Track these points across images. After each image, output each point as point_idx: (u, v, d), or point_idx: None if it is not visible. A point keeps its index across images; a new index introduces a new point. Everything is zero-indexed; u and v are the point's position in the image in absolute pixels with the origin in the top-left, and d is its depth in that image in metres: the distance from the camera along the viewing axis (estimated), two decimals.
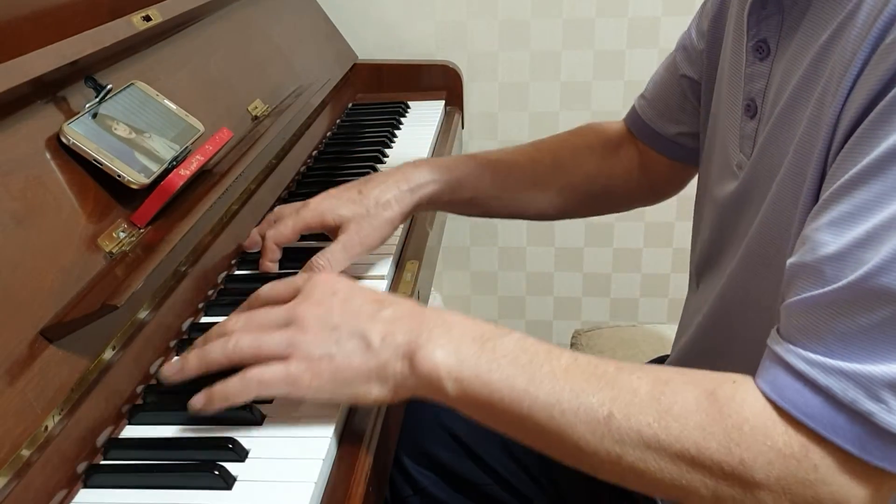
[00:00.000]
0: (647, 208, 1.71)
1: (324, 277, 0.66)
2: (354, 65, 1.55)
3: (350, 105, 1.48)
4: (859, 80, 0.53)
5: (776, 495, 0.51)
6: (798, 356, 0.51)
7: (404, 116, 1.42)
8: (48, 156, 0.72)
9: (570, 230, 1.75)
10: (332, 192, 0.88)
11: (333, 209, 0.86)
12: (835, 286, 0.50)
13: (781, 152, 0.62)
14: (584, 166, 0.95)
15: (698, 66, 0.84)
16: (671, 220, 1.72)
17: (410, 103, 1.47)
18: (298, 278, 0.67)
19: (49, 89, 0.76)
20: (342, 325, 0.61)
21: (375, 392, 0.61)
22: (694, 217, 0.82)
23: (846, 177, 0.51)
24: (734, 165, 0.71)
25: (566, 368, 0.56)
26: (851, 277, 0.49)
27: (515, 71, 1.64)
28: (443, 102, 1.50)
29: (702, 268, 0.79)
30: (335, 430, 0.65)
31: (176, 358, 0.66)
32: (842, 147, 0.54)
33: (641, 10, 1.57)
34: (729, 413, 0.52)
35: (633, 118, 0.95)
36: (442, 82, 1.56)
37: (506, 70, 1.64)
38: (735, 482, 0.52)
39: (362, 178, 0.89)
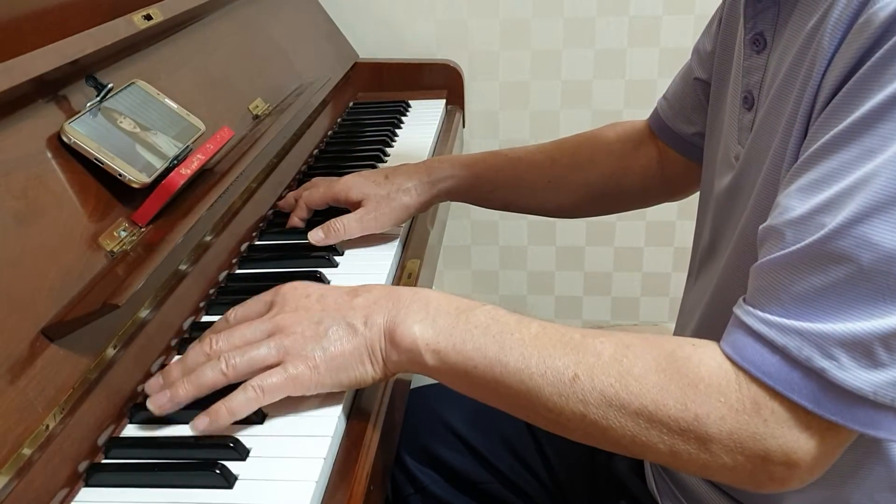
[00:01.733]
0: (649, 207, 1.72)
1: (291, 286, 0.69)
2: (355, 64, 1.55)
3: (351, 104, 1.48)
4: (833, 60, 0.55)
5: (728, 449, 0.54)
6: (757, 318, 0.54)
7: (405, 115, 1.42)
8: (49, 155, 0.72)
9: (571, 229, 1.75)
10: (363, 172, 0.98)
11: (359, 186, 0.95)
12: (793, 248, 0.53)
13: (769, 139, 0.63)
14: (601, 165, 0.99)
15: (708, 68, 0.85)
16: (672, 220, 1.72)
17: (411, 102, 1.47)
18: (266, 294, 0.69)
19: (50, 88, 0.76)
20: (324, 319, 0.64)
21: (370, 371, 0.64)
22: (697, 214, 0.82)
23: (815, 146, 0.54)
24: (732, 157, 0.71)
25: (535, 336, 0.60)
26: (809, 240, 0.52)
27: (516, 70, 1.64)
28: (444, 101, 1.50)
29: (701, 262, 0.79)
30: (336, 428, 0.65)
31: (156, 390, 0.65)
32: None
33: (642, 10, 1.57)
34: (685, 373, 0.55)
35: (654, 117, 0.97)
36: (443, 81, 1.56)
37: (507, 69, 1.64)
38: (690, 437, 0.55)
39: (392, 166, 0.98)
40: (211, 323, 0.78)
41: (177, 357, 0.73)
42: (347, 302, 0.66)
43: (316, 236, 0.92)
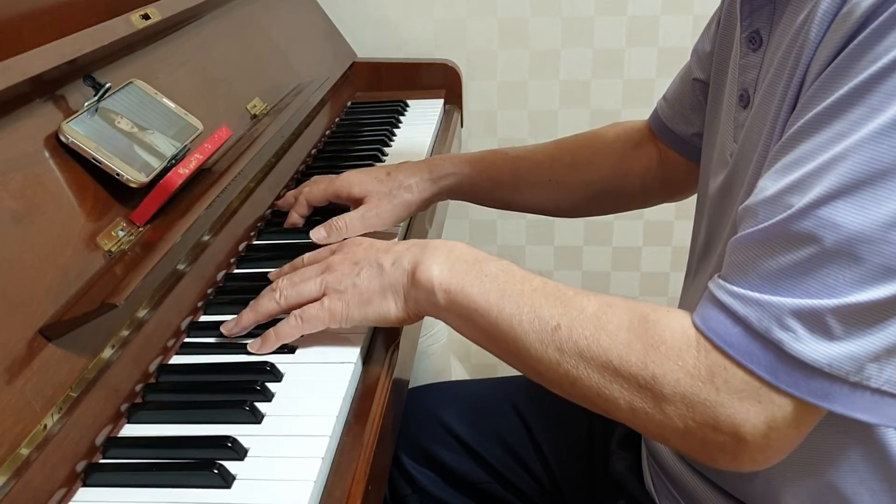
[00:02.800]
0: (647, 209, 1.72)
1: (354, 238, 0.79)
2: (353, 63, 1.55)
3: (349, 103, 1.48)
4: (817, 50, 0.56)
5: (680, 411, 0.57)
6: (724, 290, 0.56)
7: (403, 115, 1.42)
8: (47, 154, 0.72)
9: (570, 229, 1.75)
10: (364, 169, 1.00)
11: (361, 182, 0.96)
12: (763, 226, 0.55)
13: (759, 134, 0.64)
14: (601, 165, 1.00)
15: (707, 69, 0.86)
16: (670, 219, 1.72)
17: (409, 102, 1.47)
18: (334, 245, 0.79)
19: (48, 88, 0.76)
20: (361, 260, 0.73)
21: (393, 307, 0.71)
22: (695, 214, 0.82)
23: (793, 129, 0.56)
24: (728, 155, 0.72)
25: (534, 289, 0.65)
26: (777, 218, 0.54)
27: (514, 69, 1.64)
28: (442, 101, 1.49)
29: (699, 261, 0.79)
30: (334, 428, 0.65)
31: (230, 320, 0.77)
32: None
33: (641, 9, 1.57)
34: (652, 334, 0.58)
35: (654, 118, 0.97)
36: (441, 81, 1.56)
37: (505, 68, 1.64)
38: (647, 395, 0.58)
39: (394, 164, 0.99)
40: (209, 322, 0.79)
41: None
42: (387, 247, 0.74)
43: (318, 234, 0.92)
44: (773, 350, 0.54)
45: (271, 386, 0.69)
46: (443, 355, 1.62)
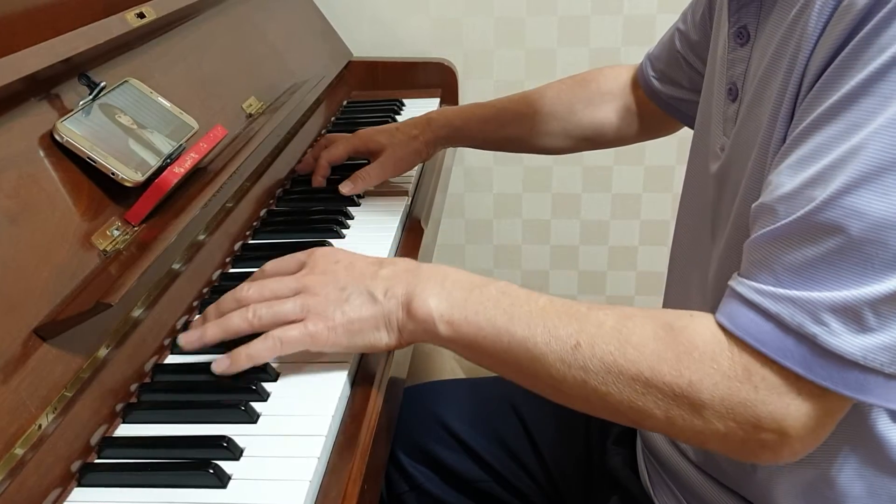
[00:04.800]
0: (643, 207, 1.73)
1: (325, 251, 0.74)
2: (349, 62, 1.55)
3: (345, 102, 1.47)
4: (818, 43, 0.57)
5: (720, 415, 0.56)
6: (751, 288, 0.56)
7: (399, 114, 1.41)
8: (42, 153, 0.72)
9: (566, 229, 1.75)
10: (376, 126, 1.13)
11: (375, 137, 1.09)
12: (785, 221, 0.55)
13: (756, 127, 0.64)
14: (581, 115, 1.08)
15: (686, 46, 0.92)
16: (666, 219, 1.72)
17: (405, 101, 1.47)
18: (301, 254, 0.74)
19: (43, 87, 0.76)
20: (349, 285, 0.69)
21: (385, 338, 0.68)
22: (681, 200, 0.82)
23: (803, 125, 0.56)
24: (718, 148, 0.72)
25: (542, 308, 0.63)
26: (800, 213, 0.54)
27: (511, 68, 1.64)
28: (438, 100, 1.49)
29: (689, 250, 0.79)
30: (330, 427, 0.65)
31: (192, 328, 0.72)
32: None
33: (637, 8, 1.57)
34: (681, 341, 0.58)
35: (640, 71, 1.05)
36: (437, 80, 1.56)
37: (501, 67, 1.64)
38: (684, 403, 0.57)
39: (401, 121, 1.14)
40: None
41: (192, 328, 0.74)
42: (373, 273, 0.70)
43: (346, 188, 1.04)
44: (807, 344, 0.54)
45: (267, 385, 0.69)
46: (440, 353, 1.62)
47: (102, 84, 0.79)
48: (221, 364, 0.68)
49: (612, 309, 0.62)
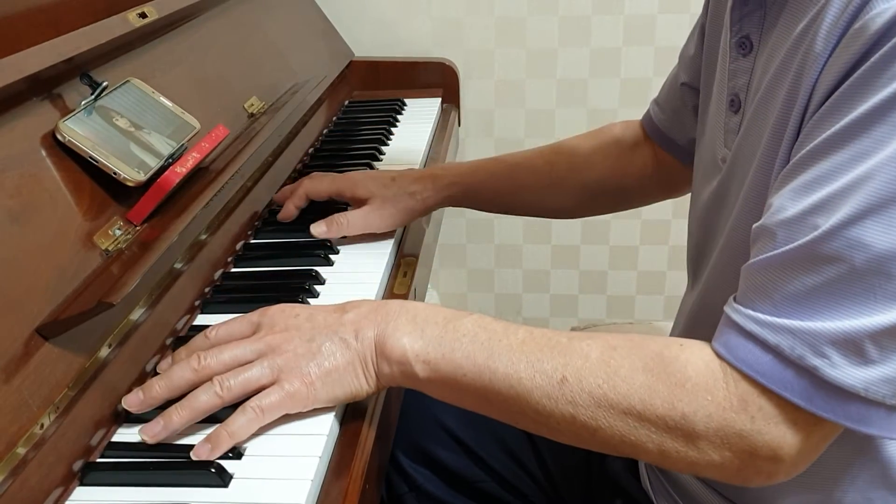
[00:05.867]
0: (644, 207, 1.72)
1: (278, 307, 0.69)
2: (351, 62, 1.55)
3: (346, 102, 1.47)
4: (828, 63, 0.55)
5: (716, 446, 0.55)
6: (749, 318, 0.55)
7: (400, 114, 1.42)
8: (44, 153, 0.72)
9: (567, 228, 1.75)
10: (369, 172, 1.03)
11: (366, 184, 0.97)
12: (785, 248, 0.53)
13: (757, 141, 0.63)
14: (598, 168, 1.00)
15: (692, 73, 0.86)
16: (667, 218, 1.72)
17: (407, 101, 1.47)
18: (252, 315, 0.69)
19: (45, 86, 0.76)
20: (316, 336, 0.65)
21: (364, 384, 0.65)
22: (689, 215, 0.82)
23: (808, 148, 0.55)
24: (719, 160, 0.72)
25: (522, 341, 0.61)
26: (802, 240, 0.52)
27: (512, 68, 1.64)
28: (439, 100, 1.49)
29: (694, 265, 0.79)
30: (331, 427, 0.65)
31: (135, 404, 0.65)
32: None
33: (637, 8, 1.57)
34: (673, 372, 0.56)
35: (647, 120, 0.98)
36: (438, 80, 1.56)
37: (502, 67, 1.64)
38: (678, 435, 0.56)
39: (399, 170, 1.00)
40: (206, 326, 0.78)
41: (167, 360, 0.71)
42: (337, 319, 0.66)
43: (318, 229, 0.93)
44: (807, 377, 0.53)
45: None
46: None
47: (104, 84, 0.79)
48: (202, 451, 0.61)
49: (594, 339, 0.60)
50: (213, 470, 0.59)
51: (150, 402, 0.64)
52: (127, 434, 0.65)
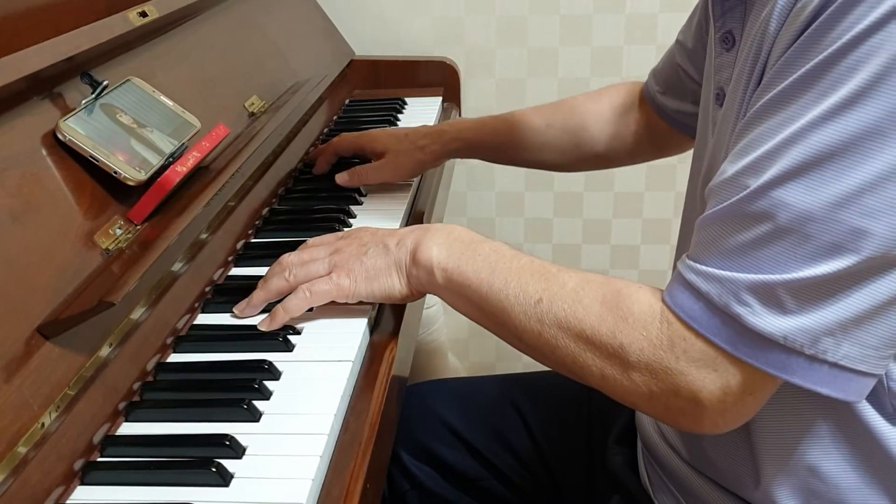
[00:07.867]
0: (645, 205, 1.72)
1: (356, 227, 0.84)
2: (351, 61, 1.55)
3: (347, 101, 1.47)
4: (774, 44, 0.59)
5: (645, 378, 0.61)
6: (689, 268, 0.60)
7: (401, 113, 1.42)
8: (44, 152, 0.72)
9: (568, 228, 1.75)
10: (387, 129, 1.16)
11: (382, 139, 1.10)
12: (722, 206, 0.58)
13: (727, 128, 0.66)
14: (592, 130, 1.08)
15: (685, 57, 0.92)
16: (669, 217, 1.72)
17: (407, 99, 1.47)
18: (341, 233, 0.84)
19: (45, 85, 0.76)
20: (369, 242, 0.78)
21: (397, 283, 0.76)
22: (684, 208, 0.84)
23: (747, 116, 0.59)
24: (707, 153, 0.73)
25: (522, 266, 0.70)
26: (733, 199, 0.57)
27: (513, 67, 1.64)
28: (440, 99, 1.49)
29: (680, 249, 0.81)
30: (332, 426, 0.65)
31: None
32: None
33: (639, 6, 1.57)
34: (622, 306, 0.63)
35: (645, 87, 1.05)
36: (439, 78, 1.56)
37: (503, 66, 1.64)
38: (616, 363, 0.62)
39: (410, 127, 1.14)
40: (206, 325, 0.79)
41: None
42: (390, 232, 0.78)
43: (342, 178, 1.06)
44: (732, 324, 0.57)
45: (269, 384, 0.69)
46: (441, 353, 1.62)
47: (105, 83, 0.79)
48: (265, 322, 0.77)
49: (579, 273, 0.67)
50: (213, 469, 0.59)
51: (255, 306, 0.79)
52: (128, 432, 0.65)
